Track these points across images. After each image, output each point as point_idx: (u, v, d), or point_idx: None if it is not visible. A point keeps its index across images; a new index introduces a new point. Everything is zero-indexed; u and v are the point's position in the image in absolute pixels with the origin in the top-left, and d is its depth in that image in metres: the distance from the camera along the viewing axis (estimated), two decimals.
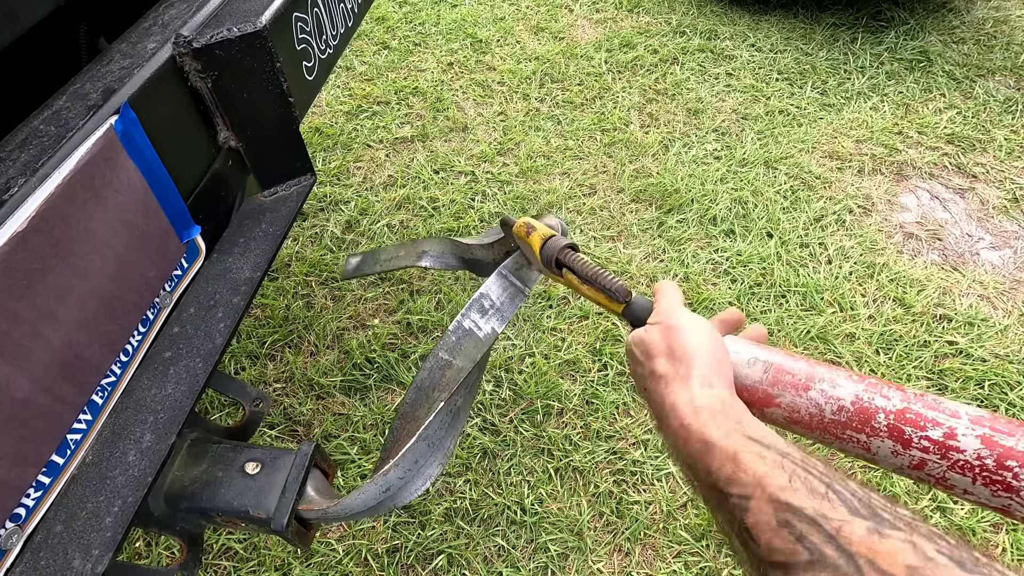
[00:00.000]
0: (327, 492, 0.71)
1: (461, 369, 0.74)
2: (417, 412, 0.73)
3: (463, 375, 0.72)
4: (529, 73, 2.59)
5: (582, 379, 1.63)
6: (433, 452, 0.66)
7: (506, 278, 0.76)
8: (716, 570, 1.32)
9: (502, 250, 0.86)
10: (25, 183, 0.55)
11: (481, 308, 0.76)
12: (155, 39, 0.74)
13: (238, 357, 1.67)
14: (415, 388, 0.75)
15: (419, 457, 0.65)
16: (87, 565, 0.58)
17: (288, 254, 1.93)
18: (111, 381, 0.66)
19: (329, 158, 2.26)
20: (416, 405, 0.74)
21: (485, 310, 0.76)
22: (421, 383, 0.75)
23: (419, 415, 0.73)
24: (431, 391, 0.74)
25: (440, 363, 0.75)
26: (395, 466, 0.63)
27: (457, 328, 0.76)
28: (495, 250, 0.87)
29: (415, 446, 0.63)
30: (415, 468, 0.65)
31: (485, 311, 0.76)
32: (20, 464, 0.55)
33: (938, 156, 2.22)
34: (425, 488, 0.66)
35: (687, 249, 1.92)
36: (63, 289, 0.57)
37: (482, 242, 0.89)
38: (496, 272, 0.76)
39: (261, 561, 1.33)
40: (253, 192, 0.92)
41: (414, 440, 0.63)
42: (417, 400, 0.75)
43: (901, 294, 1.79)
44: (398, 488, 0.65)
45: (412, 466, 0.65)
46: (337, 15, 0.99)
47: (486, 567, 1.33)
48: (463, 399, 0.68)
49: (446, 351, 0.75)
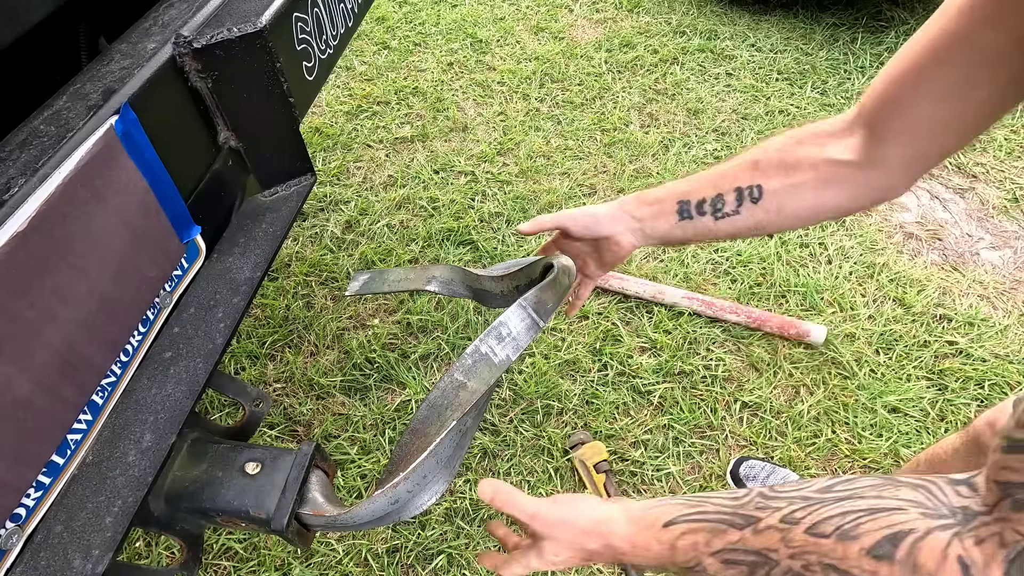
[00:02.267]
0: (335, 500, 0.72)
1: (474, 391, 0.76)
2: (428, 429, 0.74)
3: (475, 397, 0.74)
4: (529, 73, 2.59)
5: (582, 379, 1.63)
6: (440, 469, 0.68)
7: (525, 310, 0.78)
8: None
9: (511, 284, 0.89)
10: (25, 183, 0.55)
11: (499, 336, 0.78)
12: (155, 39, 0.74)
13: (238, 357, 1.67)
14: (428, 405, 0.77)
15: (427, 472, 0.66)
16: (87, 565, 0.58)
17: (288, 254, 1.93)
18: (111, 381, 0.66)
19: (329, 158, 2.26)
20: (427, 422, 0.75)
21: (502, 338, 0.78)
22: (434, 401, 0.77)
23: (430, 432, 0.74)
24: (444, 410, 0.75)
25: (455, 384, 0.77)
26: (404, 479, 0.65)
27: (474, 352, 0.78)
28: (504, 283, 0.90)
29: (425, 462, 0.65)
30: (423, 483, 0.67)
31: (502, 338, 0.78)
32: (20, 464, 0.55)
33: None
34: (431, 503, 0.68)
35: (687, 249, 1.92)
36: (63, 289, 0.57)
37: (492, 274, 0.92)
38: (517, 304, 0.78)
39: (261, 561, 1.33)
40: (253, 192, 0.92)
41: (424, 456, 0.65)
42: (429, 417, 0.76)
43: (901, 294, 1.79)
44: (406, 501, 0.67)
45: (420, 481, 0.66)
46: (337, 15, 0.99)
47: (486, 567, 1.33)
48: (472, 420, 0.70)
49: (461, 373, 0.77)
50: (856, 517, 0.45)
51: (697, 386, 1.61)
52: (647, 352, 1.69)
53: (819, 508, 0.48)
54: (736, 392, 1.60)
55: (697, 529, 0.54)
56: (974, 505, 0.42)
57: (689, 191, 0.79)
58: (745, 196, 0.76)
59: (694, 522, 0.55)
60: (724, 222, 0.78)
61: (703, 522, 0.54)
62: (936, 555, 0.41)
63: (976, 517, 0.42)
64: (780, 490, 0.52)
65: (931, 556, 0.41)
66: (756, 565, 0.50)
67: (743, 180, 0.76)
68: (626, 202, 0.83)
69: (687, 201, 0.79)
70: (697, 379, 1.62)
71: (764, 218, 0.76)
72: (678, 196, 0.80)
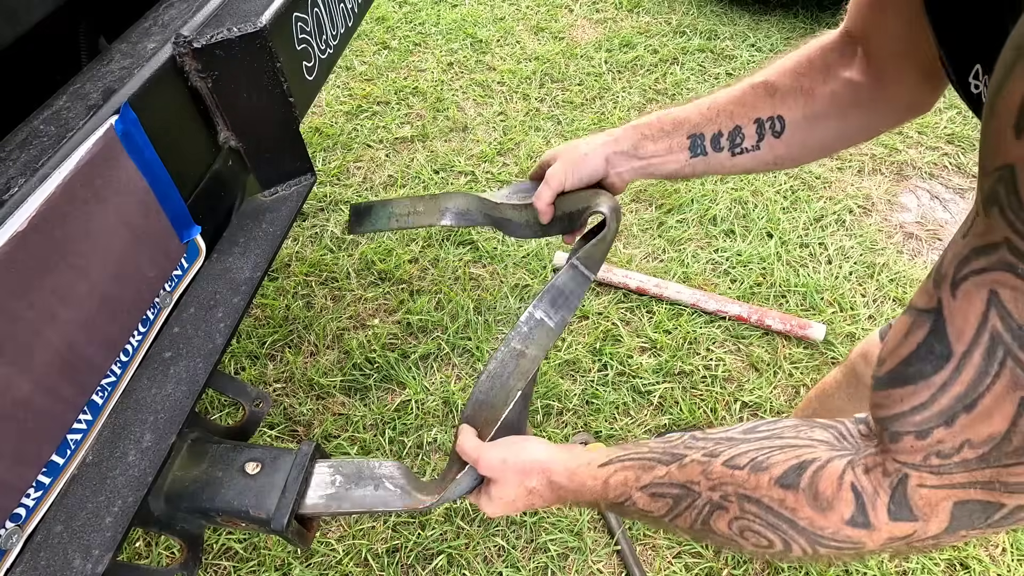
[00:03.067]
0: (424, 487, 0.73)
1: (534, 358, 0.75)
2: (494, 400, 0.74)
3: (536, 364, 0.74)
4: (529, 73, 2.59)
5: (582, 379, 1.63)
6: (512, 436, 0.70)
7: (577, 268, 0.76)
8: (716, 570, 1.32)
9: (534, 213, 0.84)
10: (25, 183, 0.55)
11: (552, 299, 0.76)
12: (155, 39, 0.74)
13: (238, 357, 1.67)
14: (488, 377, 0.75)
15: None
16: (87, 565, 0.58)
17: (288, 254, 1.93)
18: (111, 381, 0.66)
19: (329, 158, 2.26)
20: (491, 393, 0.75)
21: (556, 300, 0.76)
22: (494, 372, 0.75)
23: (496, 402, 0.73)
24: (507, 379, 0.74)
25: (513, 353, 0.75)
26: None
27: (529, 319, 0.76)
28: (530, 211, 0.85)
29: (498, 432, 0.68)
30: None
31: (556, 301, 0.76)
32: (20, 464, 0.55)
33: (938, 156, 2.22)
34: None
35: (687, 249, 1.92)
36: (63, 289, 0.57)
37: (512, 201, 0.88)
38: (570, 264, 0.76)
39: (261, 561, 1.33)
40: (253, 192, 0.92)
41: (497, 426, 0.67)
42: (492, 388, 0.75)
43: (901, 294, 1.79)
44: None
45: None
46: (337, 15, 0.99)
47: (486, 567, 1.33)
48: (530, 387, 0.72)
49: (519, 341, 0.76)
50: (769, 451, 0.48)
51: (697, 386, 1.61)
52: (647, 352, 1.69)
53: (739, 445, 0.51)
54: (736, 392, 1.60)
55: (629, 466, 0.57)
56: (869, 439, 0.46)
57: (701, 123, 0.71)
58: (766, 129, 0.69)
59: (627, 460, 0.57)
60: (742, 158, 0.71)
61: (635, 460, 0.57)
62: (833, 482, 0.44)
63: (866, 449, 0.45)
64: (709, 432, 0.54)
65: (829, 483, 0.44)
66: (679, 498, 0.52)
67: (762, 110, 0.69)
68: (621, 139, 0.74)
69: (700, 136, 0.71)
70: (697, 379, 1.62)
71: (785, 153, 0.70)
72: (689, 129, 0.71)
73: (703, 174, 0.74)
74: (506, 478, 0.64)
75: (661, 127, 0.73)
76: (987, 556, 1.34)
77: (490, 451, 0.66)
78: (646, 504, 0.55)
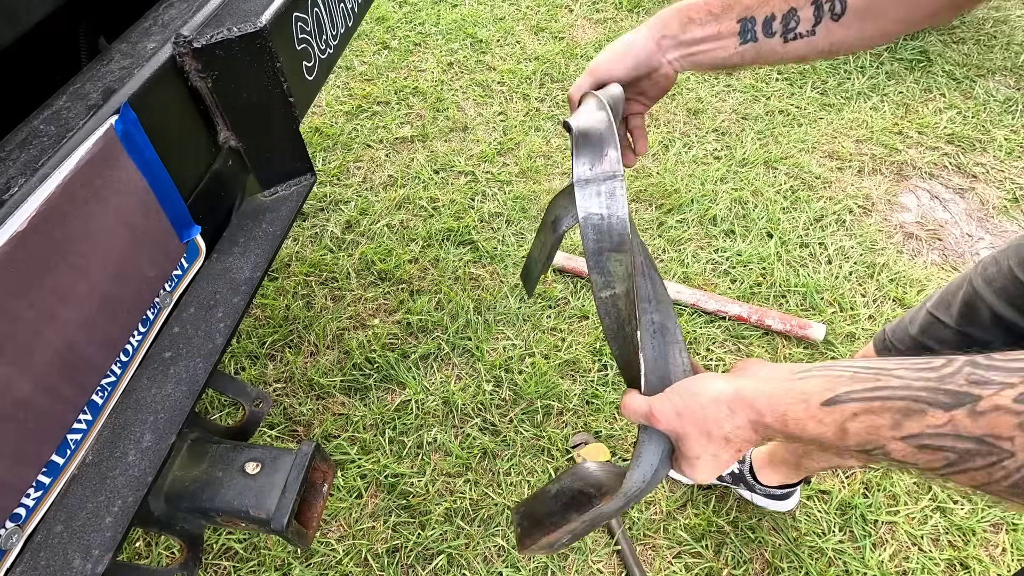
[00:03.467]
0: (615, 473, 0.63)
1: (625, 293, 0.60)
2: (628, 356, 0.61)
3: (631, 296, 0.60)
4: (529, 73, 2.59)
5: (582, 379, 1.63)
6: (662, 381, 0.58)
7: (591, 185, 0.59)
8: (716, 570, 1.32)
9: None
10: (25, 183, 0.55)
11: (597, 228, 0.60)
12: (155, 39, 0.74)
13: (238, 357, 1.67)
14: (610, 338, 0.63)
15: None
16: (87, 565, 0.58)
17: (288, 254, 1.93)
18: (111, 381, 0.66)
19: (329, 158, 2.26)
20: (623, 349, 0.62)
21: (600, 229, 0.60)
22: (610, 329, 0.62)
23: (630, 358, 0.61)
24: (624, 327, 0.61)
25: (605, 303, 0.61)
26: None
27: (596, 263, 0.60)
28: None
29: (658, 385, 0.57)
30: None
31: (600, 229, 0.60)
32: (20, 464, 0.55)
33: (938, 156, 2.22)
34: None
35: (687, 249, 1.92)
36: (63, 289, 0.57)
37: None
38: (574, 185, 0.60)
39: (261, 561, 1.33)
40: (253, 192, 0.92)
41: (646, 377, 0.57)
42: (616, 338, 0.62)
43: (901, 294, 1.79)
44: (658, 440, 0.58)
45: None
46: (337, 15, 0.99)
47: (486, 567, 1.33)
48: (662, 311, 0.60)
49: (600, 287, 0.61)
50: None
51: None
52: None
53: None
54: None
55: (878, 409, 0.43)
56: None
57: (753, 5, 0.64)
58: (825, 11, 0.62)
59: (872, 400, 0.44)
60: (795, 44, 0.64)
61: (887, 400, 0.43)
62: None
63: None
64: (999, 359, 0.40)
65: None
66: (971, 454, 0.39)
67: None
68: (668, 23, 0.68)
69: (751, 19, 0.64)
70: None
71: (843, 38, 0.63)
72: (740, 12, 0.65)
73: (752, 63, 0.67)
74: (686, 432, 0.52)
75: (709, 9, 0.66)
76: (987, 556, 1.34)
77: (659, 403, 0.54)
78: (908, 456, 0.42)
